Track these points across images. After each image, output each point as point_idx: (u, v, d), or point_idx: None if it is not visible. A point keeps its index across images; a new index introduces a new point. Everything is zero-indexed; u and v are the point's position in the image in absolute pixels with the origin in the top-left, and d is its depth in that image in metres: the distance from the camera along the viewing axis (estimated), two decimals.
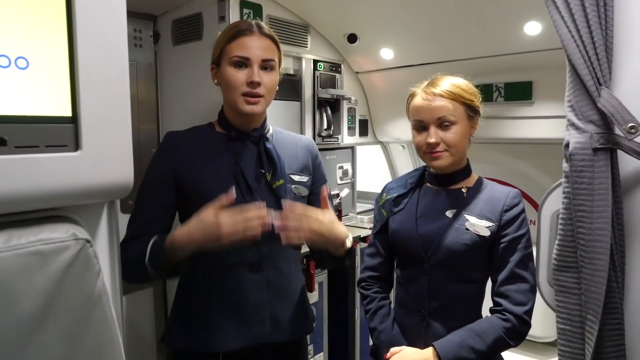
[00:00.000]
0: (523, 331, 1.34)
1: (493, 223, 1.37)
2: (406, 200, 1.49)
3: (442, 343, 1.33)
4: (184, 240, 1.22)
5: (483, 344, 1.30)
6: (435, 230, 1.40)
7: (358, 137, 2.92)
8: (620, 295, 1.04)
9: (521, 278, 1.34)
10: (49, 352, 0.80)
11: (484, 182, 1.46)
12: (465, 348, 1.30)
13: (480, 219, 1.38)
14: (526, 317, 1.33)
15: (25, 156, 0.77)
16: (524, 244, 1.37)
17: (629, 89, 1.02)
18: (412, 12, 2.31)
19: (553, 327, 2.63)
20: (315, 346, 2.40)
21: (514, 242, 1.36)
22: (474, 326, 1.35)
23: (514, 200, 1.39)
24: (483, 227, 1.37)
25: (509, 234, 1.37)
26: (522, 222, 1.39)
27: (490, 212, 1.38)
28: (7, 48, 0.75)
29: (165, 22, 2.32)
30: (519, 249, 1.36)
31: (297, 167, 1.46)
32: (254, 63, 1.33)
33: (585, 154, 1.03)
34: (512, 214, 1.38)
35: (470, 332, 1.33)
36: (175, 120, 2.33)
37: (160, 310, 2.54)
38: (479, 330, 1.33)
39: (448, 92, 1.36)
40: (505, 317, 1.33)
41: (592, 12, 1.02)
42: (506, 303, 1.34)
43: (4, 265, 0.75)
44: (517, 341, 1.35)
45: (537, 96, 2.35)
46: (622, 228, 1.05)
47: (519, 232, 1.37)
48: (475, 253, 1.37)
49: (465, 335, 1.33)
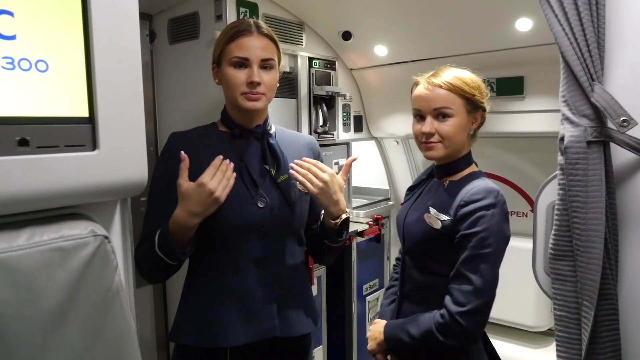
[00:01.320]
0: (455, 331, 1.29)
1: (449, 217, 1.35)
2: (414, 191, 1.56)
3: (390, 322, 1.45)
4: (185, 215, 1.24)
5: (417, 331, 1.35)
6: (413, 219, 1.45)
7: (353, 133, 2.95)
8: (614, 281, 1.09)
9: (465, 278, 1.29)
10: (70, 345, 0.83)
11: (472, 178, 1.41)
12: (403, 331, 1.38)
13: (440, 212, 1.37)
14: (460, 318, 1.27)
15: (46, 156, 0.80)
16: (475, 243, 1.29)
17: (621, 84, 1.07)
18: (405, 9, 2.35)
19: (546, 317, 2.72)
20: (314, 339, 2.44)
21: (465, 240, 1.31)
22: (419, 314, 1.39)
23: (473, 196, 1.32)
24: (437, 220, 1.36)
25: (461, 231, 1.32)
26: (478, 220, 1.30)
27: (449, 206, 1.36)
28: (28, 52, 0.78)
29: (161, 21, 2.33)
30: (468, 247, 1.30)
31: None
32: (253, 63, 1.34)
33: (580, 147, 1.07)
34: (467, 210, 1.31)
35: (414, 318, 1.39)
36: (173, 120, 2.34)
37: (160, 307, 2.56)
38: (420, 319, 1.37)
39: (447, 84, 1.36)
40: (441, 313, 1.31)
41: (585, 10, 1.06)
42: (447, 299, 1.32)
43: (28, 262, 0.77)
44: (450, 340, 1.30)
45: (528, 91, 2.40)
46: (615, 218, 1.09)
47: (471, 230, 1.30)
48: (430, 245, 1.39)
49: (408, 320, 1.40)
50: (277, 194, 1.39)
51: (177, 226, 1.25)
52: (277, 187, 1.40)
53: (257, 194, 1.37)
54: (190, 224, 1.25)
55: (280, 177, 1.40)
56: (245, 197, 1.35)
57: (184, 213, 1.24)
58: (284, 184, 1.40)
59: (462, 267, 1.30)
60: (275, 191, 1.39)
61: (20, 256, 0.77)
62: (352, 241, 2.64)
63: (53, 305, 0.80)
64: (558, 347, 1.16)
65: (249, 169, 1.37)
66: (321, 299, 2.50)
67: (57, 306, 0.80)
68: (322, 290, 2.52)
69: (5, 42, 0.76)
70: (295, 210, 1.42)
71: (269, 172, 1.40)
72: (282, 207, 1.39)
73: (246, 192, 1.36)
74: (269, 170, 1.40)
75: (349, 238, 2.59)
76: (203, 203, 1.23)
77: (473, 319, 1.28)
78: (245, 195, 1.35)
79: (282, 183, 1.40)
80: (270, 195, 1.38)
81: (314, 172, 1.33)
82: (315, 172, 1.33)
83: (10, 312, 0.75)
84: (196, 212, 1.24)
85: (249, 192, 1.36)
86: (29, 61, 0.78)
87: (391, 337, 1.41)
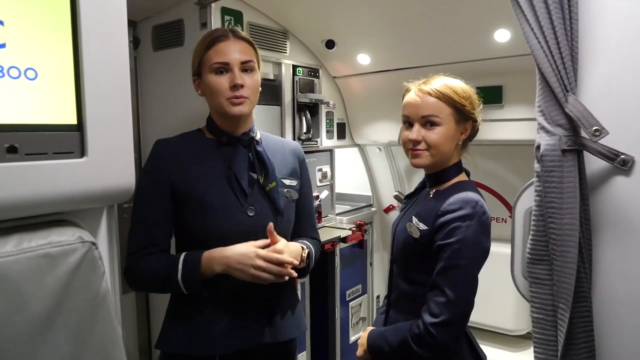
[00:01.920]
0: (427, 342, 1.27)
1: (427, 227, 1.34)
2: (411, 200, 1.55)
3: (373, 329, 1.46)
4: (221, 257, 1.29)
5: (395, 339, 1.36)
6: (401, 228, 1.46)
7: (336, 140, 2.98)
8: (588, 285, 1.13)
9: (439, 289, 1.28)
10: (58, 350, 0.83)
11: (458, 188, 1.39)
12: (383, 338, 1.39)
13: (420, 222, 1.37)
14: (432, 329, 1.25)
15: (35, 163, 0.81)
16: (450, 254, 1.27)
17: (593, 95, 1.11)
18: (388, 20, 2.39)
19: (524, 321, 2.76)
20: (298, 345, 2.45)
21: (440, 250, 1.30)
22: (401, 323, 1.39)
23: (449, 207, 1.31)
24: (416, 229, 1.36)
25: (437, 241, 1.31)
26: (454, 231, 1.28)
27: (428, 215, 1.36)
28: (17, 59, 0.79)
29: (145, 27, 2.34)
30: (444, 258, 1.28)
31: (286, 172, 1.50)
32: (234, 66, 1.35)
33: (555, 155, 1.11)
34: (443, 219, 1.30)
35: (394, 326, 1.40)
36: (156, 126, 2.34)
37: (143, 314, 2.54)
38: (399, 327, 1.38)
39: (437, 92, 1.35)
40: (417, 323, 1.30)
41: (559, 24, 1.10)
42: (423, 309, 1.30)
43: (16, 268, 0.78)
44: (423, 350, 1.28)
45: (506, 100, 2.46)
46: (589, 223, 1.13)
47: (446, 241, 1.28)
48: (410, 254, 1.40)
49: (389, 328, 1.42)
50: (266, 201, 1.41)
51: (209, 258, 1.29)
52: (265, 195, 1.41)
53: (247, 202, 1.38)
54: (214, 266, 1.29)
55: (269, 185, 1.41)
56: (235, 206, 1.36)
57: (221, 251, 1.30)
58: (272, 191, 1.41)
59: (437, 278, 1.29)
60: (263, 199, 1.41)
61: (8, 262, 0.77)
62: (335, 247, 2.66)
63: (41, 311, 0.80)
64: (535, 349, 1.19)
65: (238, 177, 1.38)
66: (305, 304, 2.51)
67: (45, 312, 0.81)
68: (306, 296, 2.54)
69: None
70: (284, 217, 1.44)
71: (257, 180, 1.41)
72: (271, 214, 1.40)
73: (235, 201, 1.37)
74: (257, 178, 1.41)
75: (332, 244, 2.61)
76: (240, 257, 1.28)
77: (445, 331, 1.26)
78: (234, 203, 1.36)
79: (270, 191, 1.41)
80: (259, 204, 1.39)
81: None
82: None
83: None
84: (229, 260, 1.29)
85: (238, 201, 1.37)
86: (18, 69, 0.79)
87: (373, 345, 1.41)
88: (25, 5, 0.80)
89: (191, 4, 2.12)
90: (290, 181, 1.49)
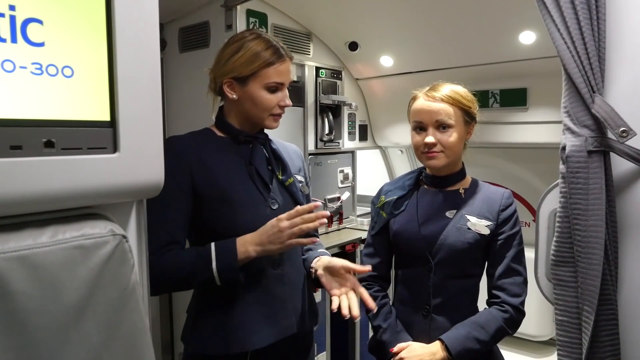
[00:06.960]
0: (519, 320, 1.47)
1: (491, 222, 1.47)
2: (406, 202, 1.55)
3: (450, 336, 1.41)
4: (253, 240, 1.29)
5: (486, 335, 1.41)
6: (437, 230, 1.47)
7: (358, 142, 3.00)
8: (614, 287, 1.11)
9: (516, 272, 1.47)
10: (89, 339, 0.86)
11: (479, 184, 1.56)
12: (471, 339, 1.39)
13: (480, 219, 1.47)
14: (521, 307, 1.46)
15: (70, 157, 0.84)
16: (518, 240, 1.49)
17: (620, 96, 1.10)
18: (411, 22, 2.40)
19: (548, 326, 2.72)
20: (318, 345, 2.46)
21: (510, 239, 1.48)
22: (476, 319, 1.44)
23: (508, 200, 1.51)
24: (483, 226, 1.47)
25: (505, 232, 1.48)
26: (516, 221, 1.51)
27: (488, 211, 1.49)
28: (55, 58, 0.82)
29: (172, 30, 2.39)
30: (514, 245, 1.48)
31: (295, 170, 1.55)
32: (285, 87, 1.42)
33: (581, 156, 1.10)
34: (507, 213, 1.49)
35: (474, 324, 1.42)
36: (180, 126, 2.38)
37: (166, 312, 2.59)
38: (482, 322, 1.43)
39: (448, 97, 1.44)
40: (504, 309, 1.45)
41: (586, 24, 1.09)
42: (504, 295, 1.46)
43: (51, 258, 0.81)
44: (514, 330, 1.48)
45: (531, 102, 2.44)
46: (615, 225, 1.12)
47: (514, 230, 1.49)
48: (475, 250, 1.47)
49: (470, 328, 1.41)
50: (287, 195, 1.46)
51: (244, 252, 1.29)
52: (284, 189, 1.46)
53: (270, 197, 1.41)
54: (251, 249, 1.30)
55: (288, 180, 1.46)
56: (259, 200, 1.39)
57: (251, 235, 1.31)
58: (292, 186, 1.47)
59: (512, 263, 1.46)
60: (283, 193, 1.45)
61: (44, 252, 0.80)
62: (356, 248, 2.67)
63: (74, 301, 0.83)
64: (559, 352, 1.18)
65: (260, 172, 1.41)
66: (325, 305, 2.52)
67: (78, 302, 0.83)
68: (326, 296, 2.55)
69: (35, 48, 0.80)
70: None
71: (276, 175, 1.45)
72: (292, 208, 1.42)
73: (259, 196, 1.40)
74: (276, 173, 1.45)
75: (353, 245, 2.62)
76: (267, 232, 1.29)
77: (524, 305, 1.47)
78: (259, 198, 1.39)
79: (290, 185, 1.46)
80: (280, 197, 1.43)
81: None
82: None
83: (34, 306, 0.78)
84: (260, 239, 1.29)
85: (262, 195, 1.40)
86: (56, 67, 0.82)
87: (462, 351, 1.39)
88: (63, 6, 0.83)
89: (217, 6, 2.16)
90: (301, 177, 1.56)
